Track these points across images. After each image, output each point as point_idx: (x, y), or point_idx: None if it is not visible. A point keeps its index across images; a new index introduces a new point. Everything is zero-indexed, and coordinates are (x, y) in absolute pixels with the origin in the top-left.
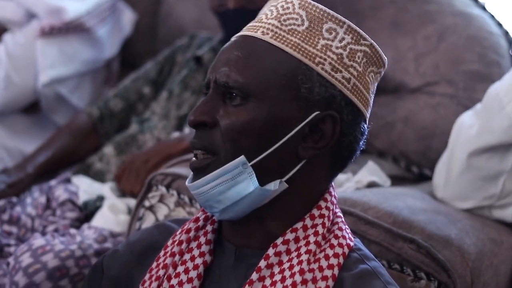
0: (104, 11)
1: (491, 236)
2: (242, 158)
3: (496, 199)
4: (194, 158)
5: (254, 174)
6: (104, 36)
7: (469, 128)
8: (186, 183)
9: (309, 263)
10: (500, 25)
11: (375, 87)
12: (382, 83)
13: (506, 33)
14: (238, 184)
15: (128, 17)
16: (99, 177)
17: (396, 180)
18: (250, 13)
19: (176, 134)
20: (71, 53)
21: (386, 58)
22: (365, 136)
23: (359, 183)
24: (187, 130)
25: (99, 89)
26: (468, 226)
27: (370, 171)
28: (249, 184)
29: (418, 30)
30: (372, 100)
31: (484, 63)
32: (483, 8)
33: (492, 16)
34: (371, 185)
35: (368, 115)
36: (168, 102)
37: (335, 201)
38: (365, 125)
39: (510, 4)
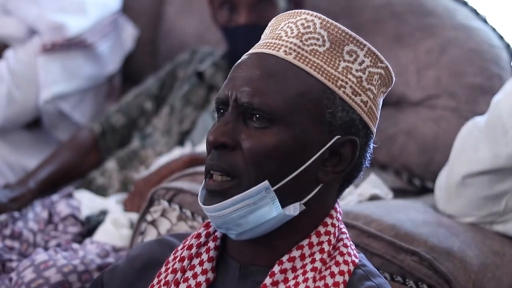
0: (106, 27)
1: (494, 248)
2: (266, 183)
3: (499, 216)
4: (209, 180)
5: (277, 199)
6: (105, 51)
7: (473, 148)
8: (200, 203)
9: (314, 280)
10: (501, 38)
11: None
12: (384, 96)
13: (508, 46)
14: (260, 208)
15: (129, 33)
16: (101, 192)
17: (398, 193)
18: (261, 29)
19: (177, 150)
20: (73, 69)
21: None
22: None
23: (362, 196)
24: (188, 145)
25: (101, 104)
26: (470, 238)
27: (372, 184)
28: (271, 209)
29: (419, 43)
30: None
31: (485, 76)
32: (485, 21)
33: (494, 29)
34: (374, 198)
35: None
36: (170, 117)
37: (340, 218)
38: (372, 144)
39: (511, 17)
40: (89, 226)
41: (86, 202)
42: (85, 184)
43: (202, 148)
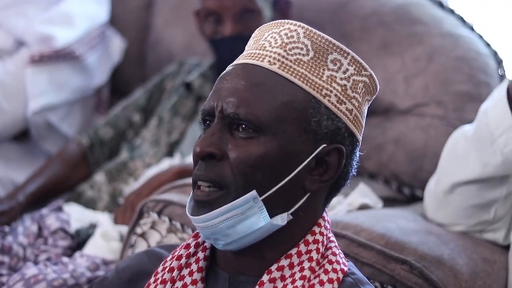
0: (94, 39)
1: (484, 256)
2: (253, 193)
3: (488, 225)
4: (197, 190)
5: (265, 209)
6: (93, 63)
7: (461, 157)
8: (188, 214)
9: None
10: (488, 45)
11: None
12: (372, 105)
13: (495, 53)
14: (248, 218)
15: (117, 45)
16: (90, 205)
17: (388, 202)
18: (247, 40)
19: (166, 161)
20: (61, 81)
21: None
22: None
23: (351, 205)
24: (177, 156)
25: (89, 116)
26: (460, 246)
27: (362, 193)
28: (259, 219)
29: (407, 51)
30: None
31: (473, 83)
32: (471, 28)
33: (481, 37)
34: (363, 207)
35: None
36: (158, 128)
37: (328, 226)
38: (358, 152)
39: (498, 25)
40: (79, 240)
41: (76, 215)
42: (74, 197)
43: (191, 159)
